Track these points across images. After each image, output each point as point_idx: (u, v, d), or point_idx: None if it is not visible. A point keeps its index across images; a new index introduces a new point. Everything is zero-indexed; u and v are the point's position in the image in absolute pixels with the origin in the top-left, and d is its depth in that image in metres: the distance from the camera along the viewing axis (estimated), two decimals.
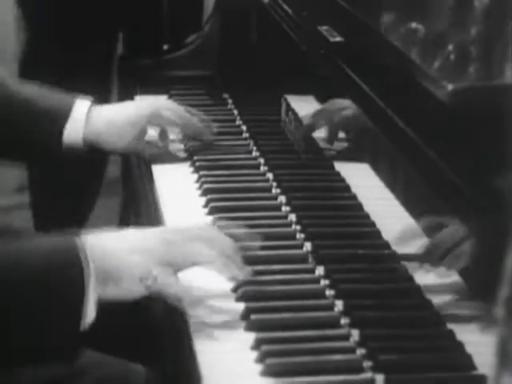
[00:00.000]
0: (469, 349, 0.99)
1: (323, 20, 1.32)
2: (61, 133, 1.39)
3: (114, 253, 1.04)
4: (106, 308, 1.03)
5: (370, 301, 1.10)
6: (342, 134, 1.44)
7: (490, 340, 0.65)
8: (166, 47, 1.92)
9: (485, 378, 0.93)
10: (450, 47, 1.19)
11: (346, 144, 1.43)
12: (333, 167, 1.41)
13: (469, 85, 1.00)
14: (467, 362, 0.98)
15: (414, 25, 1.28)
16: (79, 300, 1.00)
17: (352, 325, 1.05)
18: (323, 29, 1.29)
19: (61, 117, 1.39)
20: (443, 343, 1.02)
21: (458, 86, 0.97)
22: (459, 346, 1.00)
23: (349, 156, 1.40)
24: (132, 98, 1.71)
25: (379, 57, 1.15)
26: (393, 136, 1.08)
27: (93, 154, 1.45)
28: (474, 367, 0.97)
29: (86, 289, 1.00)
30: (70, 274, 1.00)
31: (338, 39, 1.26)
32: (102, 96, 2.07)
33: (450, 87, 0.96)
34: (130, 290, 1.04)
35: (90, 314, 1.01)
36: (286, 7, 1.48)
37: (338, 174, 1.40)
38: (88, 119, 1.40)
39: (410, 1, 1.37)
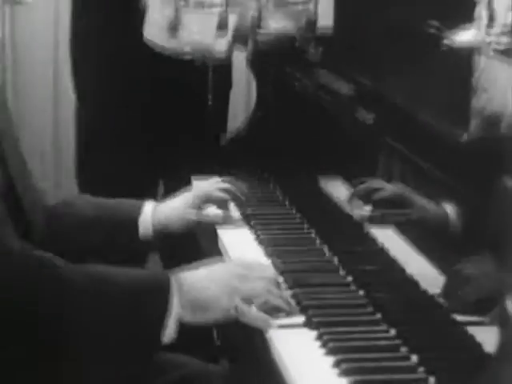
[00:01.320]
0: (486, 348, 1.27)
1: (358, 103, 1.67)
2: (136, 229, 1.72)
3: (204, 288, 1.35)
4: None
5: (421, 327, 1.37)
6: None
7: None
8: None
9: None
10: None
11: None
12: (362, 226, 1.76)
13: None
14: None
15: None
16: (161, 318, 1.30)
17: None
18: (359, 114, 1.65)
19: (135, 215, 1.72)
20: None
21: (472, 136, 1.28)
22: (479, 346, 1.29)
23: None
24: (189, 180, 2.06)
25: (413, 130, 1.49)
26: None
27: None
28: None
29: (168, 310, 1.31)
30: (157, 296, 1.33)
31: (372, 121, 1.61)
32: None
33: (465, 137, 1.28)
34: (215, 318, 1.35)
35: (170, 331, 1.31)
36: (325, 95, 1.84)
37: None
38: (154, 214, 1.73)
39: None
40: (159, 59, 2.15)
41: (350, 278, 1.55)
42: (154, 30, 2.15)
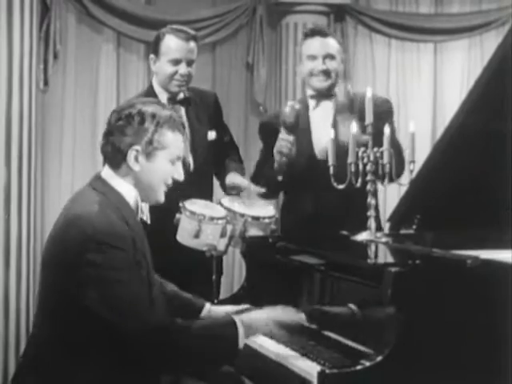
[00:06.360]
0: None
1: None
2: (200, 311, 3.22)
3: (254, 324, 2.77)
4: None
5: None
6: None
7: None
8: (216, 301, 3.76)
9: None
10: None
11: None
12: None
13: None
14: None
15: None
16: (235, 339, 2.69)
17: None
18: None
19: (200, 308, 3.21)
20: None
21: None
22: None
23: None
24: None
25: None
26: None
27: None
28: None
29: (238, 336, 2.71)
30: (231, 330, 2.70)
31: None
32: None
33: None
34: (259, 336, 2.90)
35: (241, 344, 2.70)
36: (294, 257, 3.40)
37: None
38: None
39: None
40: (185, 251, 3.72)
41: None
42: (184, 235, 3.72)
